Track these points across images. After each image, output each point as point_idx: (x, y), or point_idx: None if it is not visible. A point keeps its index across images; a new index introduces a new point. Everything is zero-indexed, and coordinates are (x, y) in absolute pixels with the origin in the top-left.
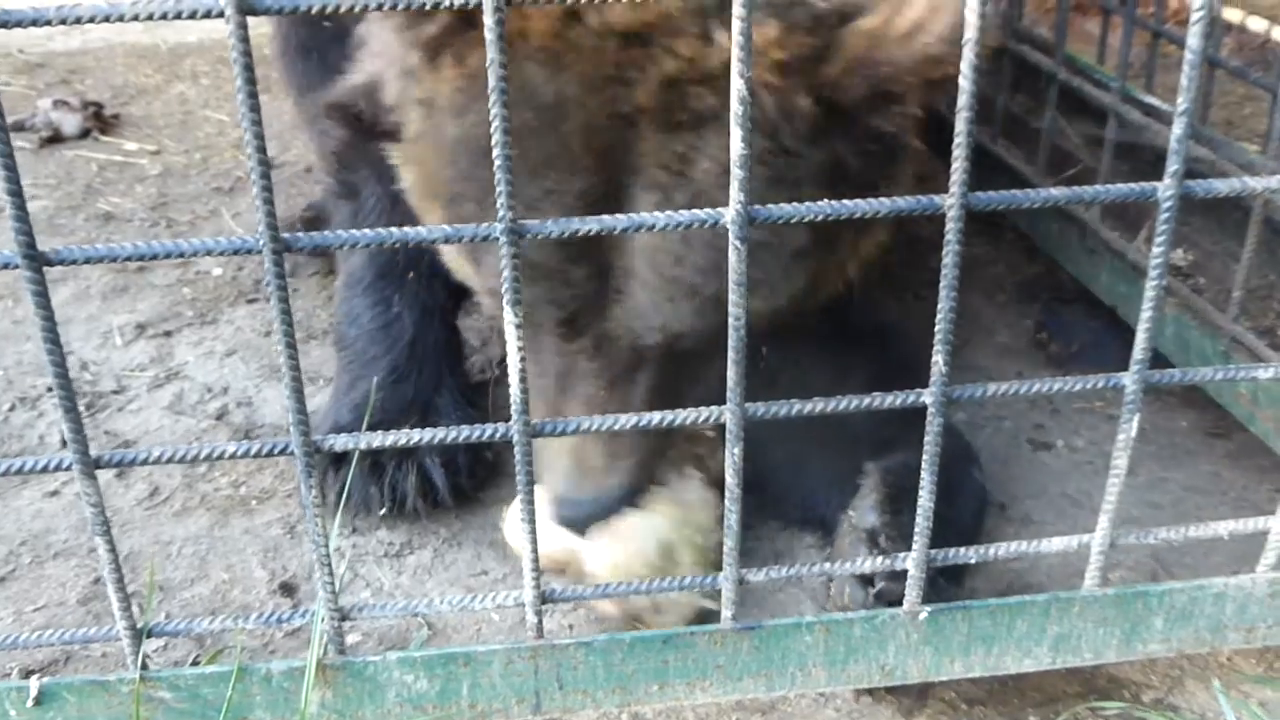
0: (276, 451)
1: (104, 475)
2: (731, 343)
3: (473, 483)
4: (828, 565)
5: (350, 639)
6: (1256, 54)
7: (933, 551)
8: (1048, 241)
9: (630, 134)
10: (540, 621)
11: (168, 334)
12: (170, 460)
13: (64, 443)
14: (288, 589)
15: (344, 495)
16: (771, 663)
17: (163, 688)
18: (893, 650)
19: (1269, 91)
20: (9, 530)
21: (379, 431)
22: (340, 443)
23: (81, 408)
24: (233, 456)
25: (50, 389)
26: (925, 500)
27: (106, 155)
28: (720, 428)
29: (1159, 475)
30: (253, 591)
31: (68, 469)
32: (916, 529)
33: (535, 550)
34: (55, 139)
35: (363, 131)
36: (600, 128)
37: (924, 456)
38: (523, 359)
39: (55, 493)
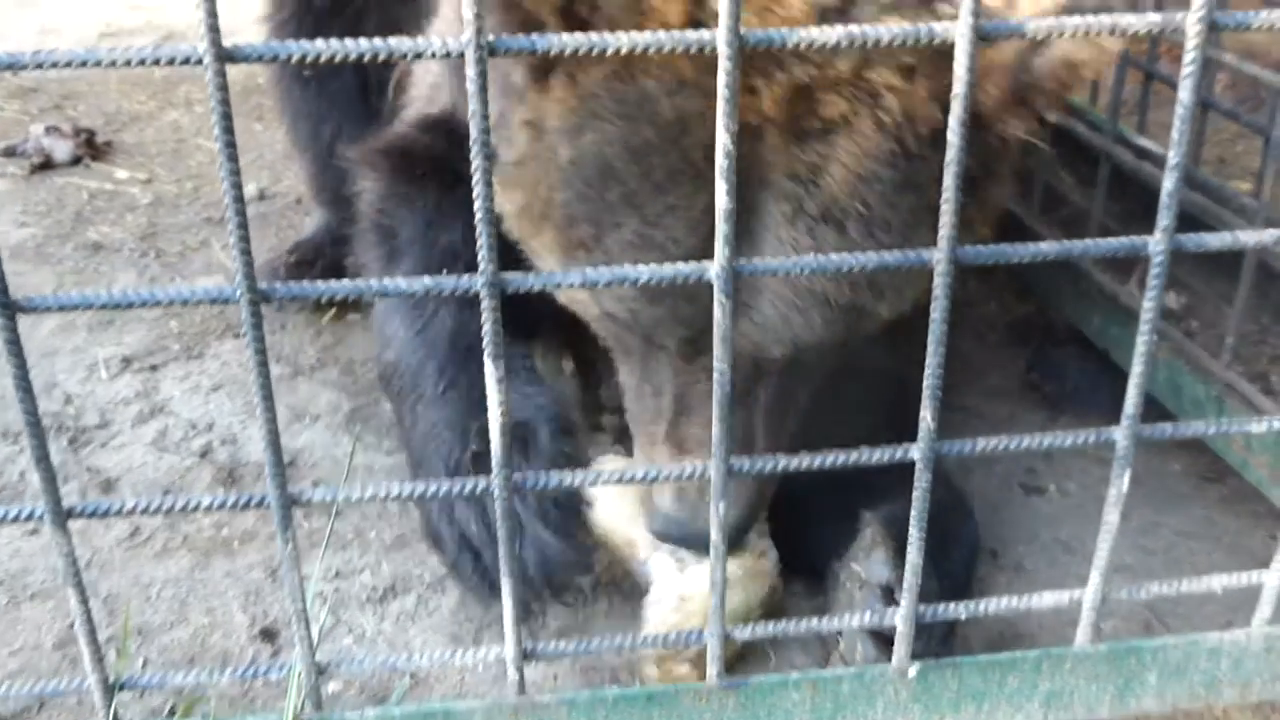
0: (254, 504)
1: None
2: (716, 399)
3: None
4: (829, 621)
5: (331, 686)
6: (1250, 90)
7: (923, 607)
8: (1040, 283)
9: (758, 145)
10: (522, 678)
11: (154, 368)
12: (145, 511)
13: None
14: (268, 635)
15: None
16: None
17: None
18: (881, 707)
19: (1261, 134)
20: None
21: (358, 483)
22: (319, 495)
23: (64, 443)
24: (208, 509)
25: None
26: (914, 556)
27: (97, 183)
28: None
29: (1152, 520)
30: (233, 636)
31: (40, 519)
32: (905, 584)
33: (516, 605)
34: (46, 165)
35: (410, 171)
36: None
37: (913, 511)
38: (503, 413)
39: (34, 531)
